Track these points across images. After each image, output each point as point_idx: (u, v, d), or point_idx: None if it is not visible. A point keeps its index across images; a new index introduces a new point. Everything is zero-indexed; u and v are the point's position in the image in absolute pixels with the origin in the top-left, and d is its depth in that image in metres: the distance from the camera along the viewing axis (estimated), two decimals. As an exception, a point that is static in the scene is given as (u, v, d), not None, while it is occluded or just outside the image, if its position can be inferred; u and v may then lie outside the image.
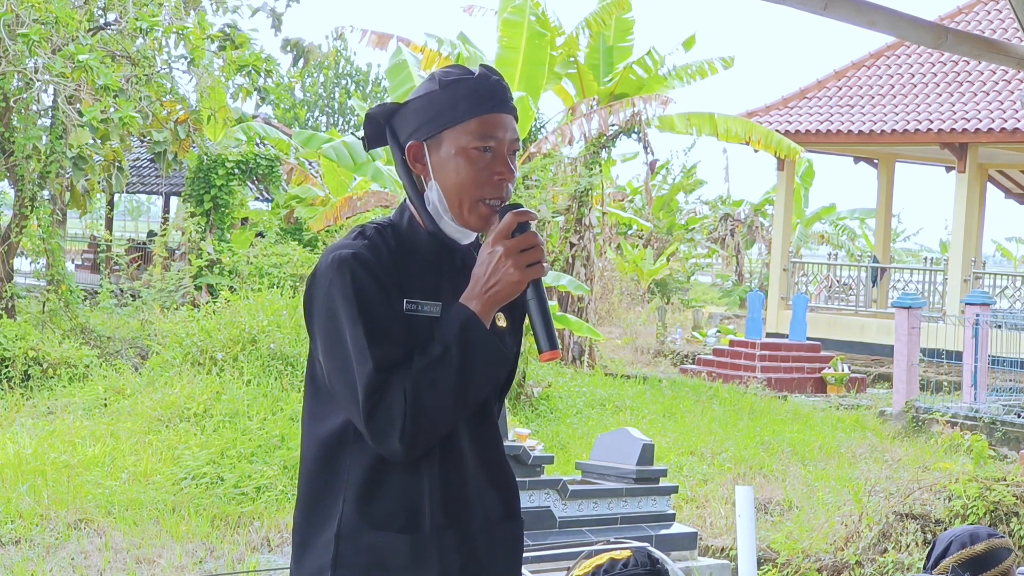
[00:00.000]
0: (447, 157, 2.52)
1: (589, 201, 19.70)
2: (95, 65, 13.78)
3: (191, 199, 19.18)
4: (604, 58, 21.62)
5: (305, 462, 2.56)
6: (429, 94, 2.55)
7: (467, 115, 2.52)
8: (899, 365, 16.15)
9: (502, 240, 2.44)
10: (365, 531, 2.48)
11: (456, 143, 2.52)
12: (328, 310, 2.46)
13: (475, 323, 2.43)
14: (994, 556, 3.45)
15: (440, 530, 2.51)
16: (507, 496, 2.65)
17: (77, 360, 13.56)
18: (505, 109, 2.56)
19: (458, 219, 2.55)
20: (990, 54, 5.69)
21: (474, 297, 2.46)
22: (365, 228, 2.56)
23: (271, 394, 11.57)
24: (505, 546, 2.64)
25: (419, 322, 2.49)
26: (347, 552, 2.49)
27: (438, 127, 2.53)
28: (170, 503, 9.25)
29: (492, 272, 2.43)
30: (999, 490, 8.92)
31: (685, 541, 8.51)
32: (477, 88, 2.54)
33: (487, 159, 2.53)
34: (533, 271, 2.44)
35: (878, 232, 26.30)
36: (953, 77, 23.14)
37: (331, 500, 2.51)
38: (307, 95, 46.80)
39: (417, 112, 2.55)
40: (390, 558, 2.48)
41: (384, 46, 19.69)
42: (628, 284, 28.60)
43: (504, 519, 2.63)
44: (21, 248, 16.59)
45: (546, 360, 2.50)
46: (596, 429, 13.05)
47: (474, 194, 2.52)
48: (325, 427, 2.52)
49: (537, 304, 2.48)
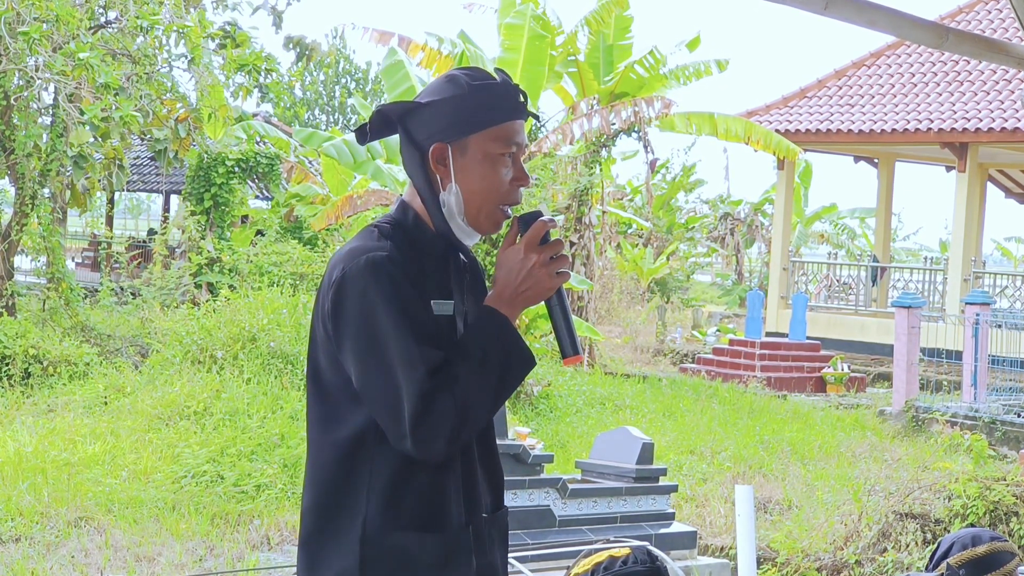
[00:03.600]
0: (473, 162, 2.52)
1: (589, 200, 19.70)
2: (96, 63, 13.78)
3: (191, 197, 19.17)
4: (604, 57, 21.61)
5: (318, 469, 2.51)
6: (456, 97, 2.53)
7: (496, 120, 2.53)
8: (899, 364, 16.15)
9: (534, 248, 2.46)
10: (390, 532, 2.46)
11: (483, 148, 2.52)
12: (366, 315, 2.42)
13: (510, 328, 2.46)
14: (996, 559, 3.45)
15: (463, 528, 2.52)
16: (496, 488, 2.67)
17: (77, 358, 13.56)
18: (525, 115, 2.59)
19: (471, 222, 2.55)
20: (990, 54, 5.69)
21: (505, 301, 2.47)
22: (381, 227, 2.54)
23: (271, 392, 11.57)
24: (500, 536, 2.66)
25: (440, 322, 2.50)
26: (373, 553, 2.46)
27: (466, 131, 2.52)
28: (170, 501, 9.25)
29: (525, 278, 2.45)
30: (999, 490, 8.93)
31: (684, 540, 8.51)
32: (504, 94, 2.56)
33: (508, 165, 2.54)
34: (562, 277, 2.48)
35: (878, 231, 26.30)
36: (953, 77, 23.15)
37: (352, 502, 2.48)
38: (307, 93, 46.79)
39: (443, 114, 2.53)
40: (418, 557, 2.47)
41: (386, 43, 19.68)
42: (628, 283, 28.60)
43: (494, 508, 2.65)
44: (21, 246, 16.59)
45: (570, 364, 2.55)
46: (596, 428, 13.05)
47: (495, 200, 2.54)
48: (342, 431, 2.49)
49: (560, 310, 2.53)
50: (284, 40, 21.42)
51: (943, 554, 3.51)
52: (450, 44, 19.30)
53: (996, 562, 3.44)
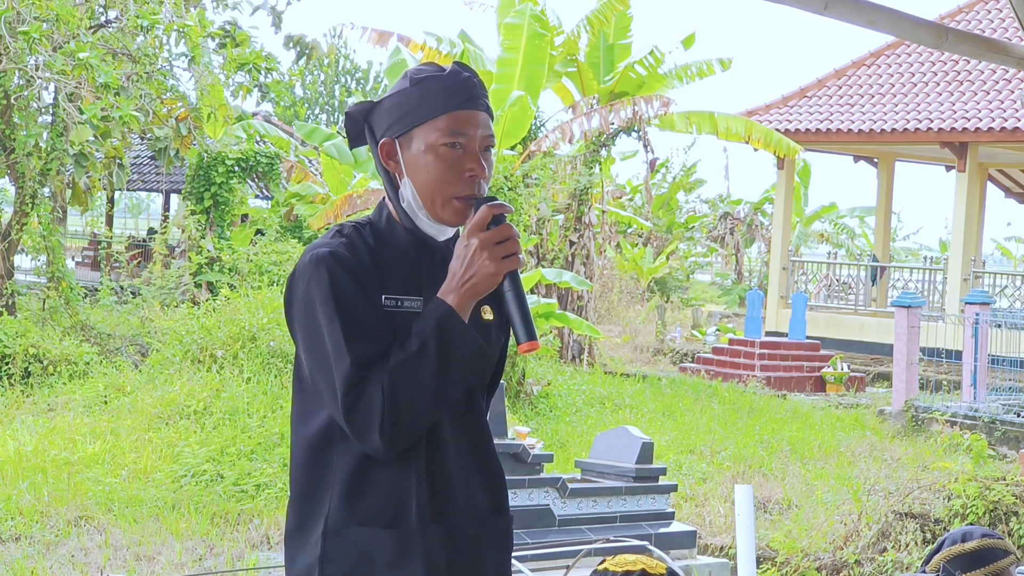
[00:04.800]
0: (417, 154, 2.53)
1: (589, 199, 19.71)
2: (96, 63, 13.78)
3: (191, 197, 19.17)
4: (604, 56, 21.61)
5: (294, 460, 2.57)
6: (401, 92, 2.55)
7: (436, 112, 2.52)
8: (898, 364, 16.16)
9: (477, 232, 2.44)
10: (352, 527, 2.49)
11: (425, 140, 2.53)
12: (307, 308, 2.47)
13: (452, 317, 2.43)
14: (987, 554, 3.43)
15: (426, 525, 2.51)
16: (494, 490, 2.64)
17: (77, 357, 13.57)
18: (476, 106, 2.55)
19: (432, 215, 2.55)
20: (990, 53, 5.69)
21: (451, 291, 2.45)
22: (343, 227, 2.57)
23: (271, 392, 11.58)
24: (494, 541, 2.63)
25: (400, 319, 2.49)
26: (334, 548, 2.49)
27: (408, 124, 2.54)
28: (170, 500, 9.26)
29: (468, 265, 2.43)
30: (998, 489, 8.94)
31: (684, 539, 8.52)
32: (447, 85, 2.54)
33: (457, 155, 2.53)
34: (509, 263, 2.44)
35: (878, 231, 26.31)
36: (953, 76, 23.15)
37: (319, 498, 2.51)
38: (307, 93, 46.80)
39: (390, 110, 2.56)
40: (376, 553, 2.49)
41: (384, 43, 19.69)
42: (628, 282, 28.61)
43: (492, 514, 2.63)
44: (22, 245, 16.60)
45: (525, 352, 2.48)
46: (595, 427, 13.05)
47: (446, 191, 2.53)
48: (311, 426, 2.52)
49: (514, 295, 2.47)
50: (284, 40, 21.40)
51: (935, 551, 3.52)
52: (449, 44, 19.30)
53: (986, 558, 3.43)
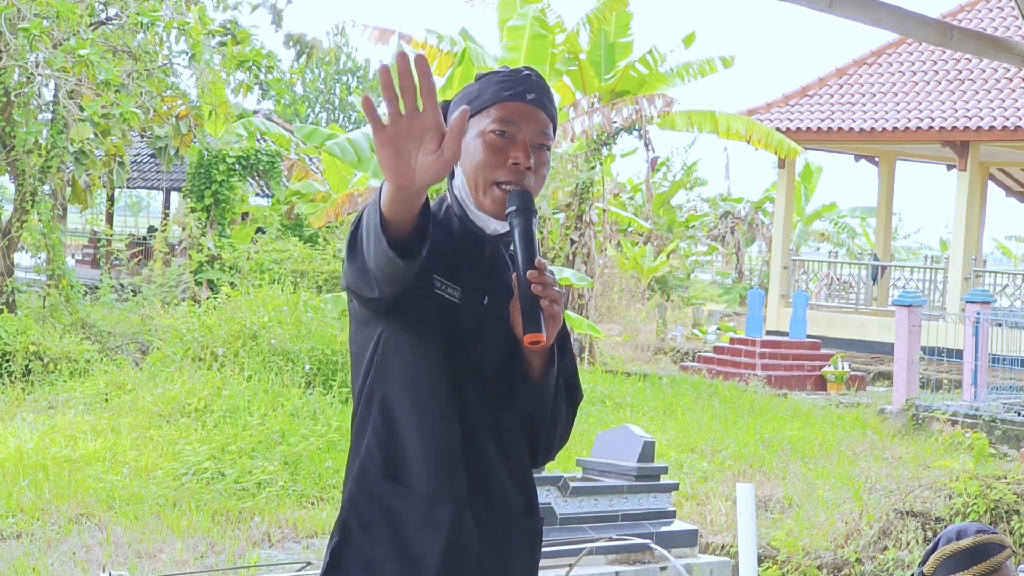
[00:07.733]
0: (469, 140, 2.59)
1: (590, 198, 19.69)
2: (96, 60, 13.78)
3: (192, 195, 19.18)
4: (605, 55, 21.58)
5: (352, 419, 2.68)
6: (466, 87, 2.66)
7: (490, 101, 2.60)
8: (899, 363, 16.15)
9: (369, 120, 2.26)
10: (379, 481, 2.55)
11: (478, 127, 2.59)
12: None
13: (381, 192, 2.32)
14: (982, 551, 3.41)
15: (460, 505, 2.54)
16: (526, 491, 2.67)
17: (78, 355, 13.56)
18: (531, 101, 2.61)
19: (477, 203, 2.58)
20: (995, 51, 5.68)
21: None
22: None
23: (272, 390, 11.57)
24: (524, 541, 2.67)
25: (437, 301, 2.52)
26: (360, 500, 2.56)
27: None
28: (171, 498, 9.25)
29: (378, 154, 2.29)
30: (999, 488, 8.93)
31: (686, 538, 8.51)
32: (505, 78, 2.63)
33: (505, 143, 2.57)
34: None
35: (878, 230, 26.30)
36: (955, 75, 23.14)
37: (355, 453, 2.60)
38: (308, 91, 46.80)
39: (454, 104, 2.67)
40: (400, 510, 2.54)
41: (386, 41, 19.67)
42: (628, 281, 28.59)
43: (525, 513, 2.66)
44: (22, 243, 16.59)
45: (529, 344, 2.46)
46: (597, 426, 13.04)
47: (488, 176, 2.56)
48: (357, 386, 2.62)
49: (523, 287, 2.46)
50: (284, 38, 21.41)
51: (931, 549, 3.51)
52: (450, 42, 19.28)
53: (982, 554, 3.40)
